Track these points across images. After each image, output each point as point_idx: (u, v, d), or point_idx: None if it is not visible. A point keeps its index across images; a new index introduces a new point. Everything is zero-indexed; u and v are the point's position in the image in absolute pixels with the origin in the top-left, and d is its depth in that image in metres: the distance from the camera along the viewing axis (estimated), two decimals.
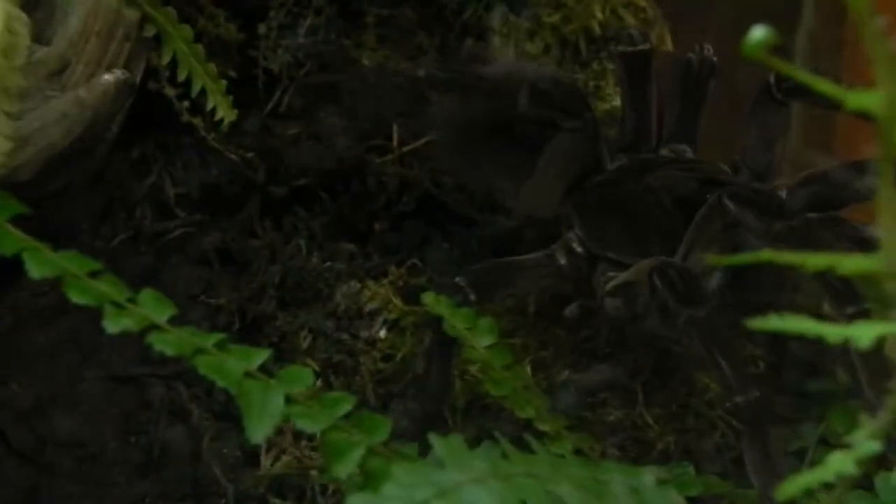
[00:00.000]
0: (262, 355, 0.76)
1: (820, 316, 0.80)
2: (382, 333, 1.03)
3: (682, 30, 1.15)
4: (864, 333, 0.59)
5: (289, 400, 0.75)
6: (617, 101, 1.12)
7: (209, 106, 0.97)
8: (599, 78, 1.12)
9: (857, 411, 0.86)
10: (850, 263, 0.57)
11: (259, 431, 0.73)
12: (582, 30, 1.12)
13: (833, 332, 0.59)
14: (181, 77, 0.96)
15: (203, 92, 0.96)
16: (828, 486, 0.67)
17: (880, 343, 0.60)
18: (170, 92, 0.99)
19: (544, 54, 1.10)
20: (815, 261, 0.58)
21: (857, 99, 0.54)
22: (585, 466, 0.81)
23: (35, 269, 0.77)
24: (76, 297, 0.76)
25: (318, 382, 1.01)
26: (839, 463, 0.63)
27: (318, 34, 1.05)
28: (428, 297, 0.93)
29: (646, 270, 0.89)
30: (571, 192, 0.99)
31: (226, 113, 0.97)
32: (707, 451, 1.01)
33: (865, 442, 0.64)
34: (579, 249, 0.97)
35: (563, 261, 0.97)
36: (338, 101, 1.06)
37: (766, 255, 0.56)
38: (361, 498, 0.67)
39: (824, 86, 0.54)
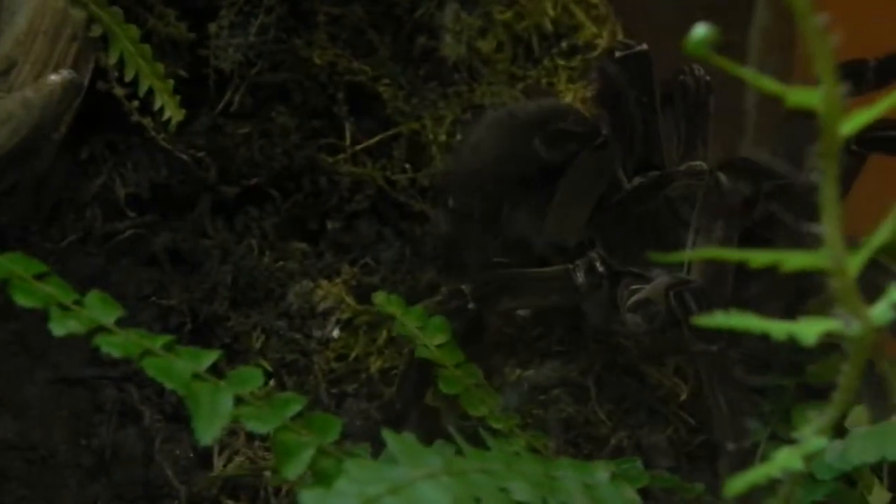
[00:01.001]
0: (210, 357, 0.76)
1: None
2: (335, 333, 1.03)
3: (633, 28, 1.15)
4: (809, 330, 0.59)
5: (238, 401, 0.75)
6: (569, 98, 1.12)
7: (157, 105, 0.96)
8: (552, 75, 1.12)
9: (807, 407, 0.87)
10: (795, 260, 0.58)
11: (208, 433, 0.73)
12: (534, 27, 1.12)
13: (778, 328, 0.60)
14: (128, 77, 0.95)
15: (152, 91, 0.96)
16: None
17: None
18: (119, 92, 0.98)
19: (497, 52, 1.10)
20: (760, 257, 0.58)
21: (798, 96, 0.54)
22: (539, 463, 0.81)
23: None
24: (22, 300, 0.76)
25: (272, 383, 1.01)
26: (786, 459, 0.63)
27: (268, 33, 1.04)
28: (379, 297, 0.93)
29: (662, 288, 0.88)
30: (593, 213, 0.98)
31: (173, 112, 0.96)
32: (660, 446, 1.01)
33: (813, 438, 0.65)
34: (601, 269, 0.97)
35: (581, 279, 0.97)
36: (289, 100, 1.05)
37: (711, 251, 0.56)
38: (313, 494, 0.67)
39: (767, 84, 0.54)
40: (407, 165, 1.07)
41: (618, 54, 1.01)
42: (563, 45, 1.12)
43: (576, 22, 1.13)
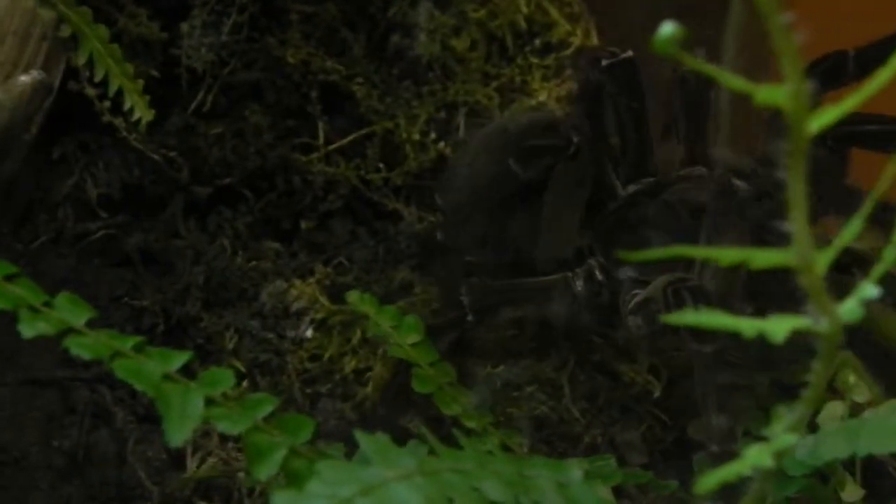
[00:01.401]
0: (181, 358, 0.76)
1: None
2: (309, 333, 1.02)
3: (606, 25, 1.15)
4: (778, 328, 0.59)
5: (209, 402, 0.75)
6: (543, 96, 1.12)
7: (127, 106, 0.96)
8: (526, 73, 1.12)
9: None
10: (763, 257, 0.58)
11: (179, 434, 0.73)
12: (508, 25, 1.12)
13: (747, 326, 0.60)
14: (98, 77, 0.95)
15: (122, 92, 0.95)
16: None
17: None
18: (90, 92, 0.98)
19: (471, 50, 1.10)
20: (728, 255, 0.58)
21: (765, 94, 0.54)
22: (512, 462, 0.81)
23: None
24: None
25: (245, 383, 1.00)
26: (756, 456, 0.63)
27: (241, 32, 1.04)
28: (352, 296, 0.93)
29: (661, 287, 0.88)
30: (585, 221, 0.97)
31: (143, 113, 0.96)
32: (633, 444, 1.01)
33: (783, 435, 0.65)
34: (600, 277, 0.96)
35: (580, 287, 0.96)
36: (262, 100, 1.05)
37: (677, 249, 0.56)
38: (286, 495, 0.67)
39: (733, 81, 0.54)
40: (381, 164, 1.07)
41: (605, 62, 1.00)
42: (537, 43, 1.12)
43: (549, 20, 1.13)
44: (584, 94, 1.05)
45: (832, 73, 0.97)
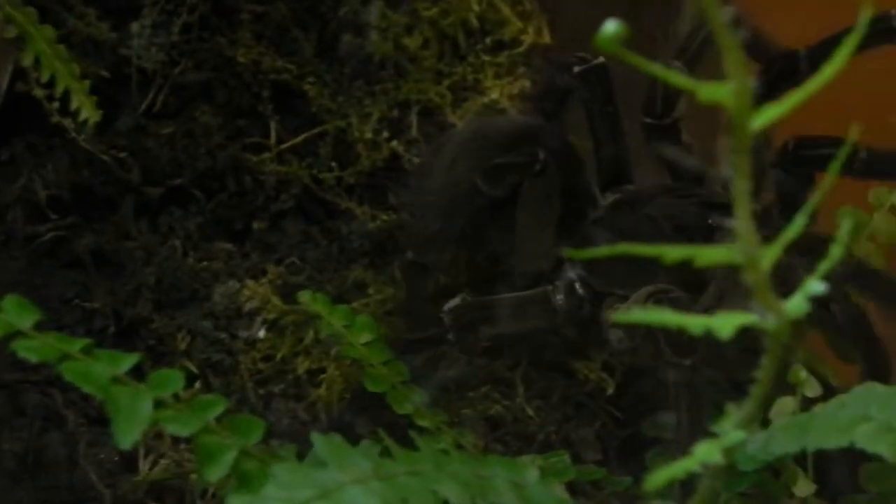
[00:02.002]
0: (130, 360, 0.75)
1: None
2: (262, 333, 1.02)
3: (558, 23, 1.15)
4: (725, 324, 0.59)
5: (159, 404, 0.74)
6: (496, 94, 1.12)
7: (73, 106, 0.95)
8: (478, 71, 1.12)
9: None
10: (708, 255, 0.58)
11: (128, 437, 0.72)
12: (460, 23, 1.12)
13: (695, 322, 0.60)
14: (44, 78, 0.94)
15: (69, 92, 0.95)
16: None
17: None
18: (39, 93, 0.97)
19: (423, 49, 1.10)
20: (673, 252, 0.58)
21: (707, 91, 0.54)
22: (468, 462, 0.81)
23: None
24: None
25: (197, 384, 1.00)
26: (706, 452, 0.64)
27: (192, 32, 1.04)
28: (304, 296, 0.92)
29: (643, 297, 0.88)
30: (566, 230, 0.97)
31: (90, 113, 0.95)
32: (587, 441, 1.01)
33: (732, 431, 0.65)
34: (581, 291, 0.95)
35: (560, 301, 0.95)
36: (213, 100, 1.05)
37: (622, 247, 0.56)
38: (241, 500, 0.67)
39: (675, 79, 0.54)
40: (333, 164, 1.07)
41: (577, 69, 1.00)
42: (489, 41, 1.12)
43: (501, 17, 1.13)
44: (546, 95, 1.05)
45: (785, 72, 0.98)
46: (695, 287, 0.92)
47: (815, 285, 0.58)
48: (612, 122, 1.00)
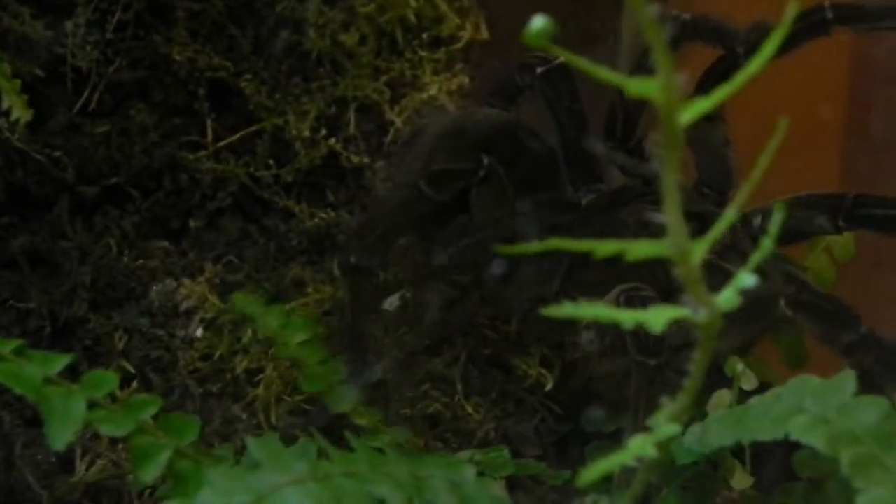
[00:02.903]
0: (63, 361, 0.75)
1: None
2: (199, 332, 1.02)
3: (496, 18, 1.15)
4: (657, 318, 0.59)
5: (92, 405, 0.74)
6: (434, 90, 1.12)
7: (5, 105, 0.94)
8: (416, 67, 1.12)
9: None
10: (639, 249, 0.58)
11: (61, 438, 0.72)
12: (398, 19, 1.12)
13: (627, 317, 0.60)
14: None
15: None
16: None
17: None
18: None
19: (360, 45, 1.09)
20: (604, 247, 0.58)
21: (636, 86, 0.54)
22: (405, 462, 0.81)
23: None
24: None
25: (135, 384, 0.99)
26: (639, 446, 0.64)
27: (126, 30, 1.03)
28: (238, 297, 0.92)
29: (615, 296, 0.88)
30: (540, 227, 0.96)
31: (21, 112, 0.94)
32: (526, 436, 1.02)
33: (665, 424, 0.66)
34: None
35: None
36: (148, 98, 1.04)
37: (554, 242, 0.56)
38: None
39: (604, 74, 0.54)
40: (270, 161, 1.06)
41: (539, 69, 1.01)
42: (427, 37, 1.12)
43: (439, 13, 1.13)
44: (496, 93, 1.05)
45: (729, 71, 0.98)
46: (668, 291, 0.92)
47: (746, 279, 0.59)
48: (579, 120, 1.01)
